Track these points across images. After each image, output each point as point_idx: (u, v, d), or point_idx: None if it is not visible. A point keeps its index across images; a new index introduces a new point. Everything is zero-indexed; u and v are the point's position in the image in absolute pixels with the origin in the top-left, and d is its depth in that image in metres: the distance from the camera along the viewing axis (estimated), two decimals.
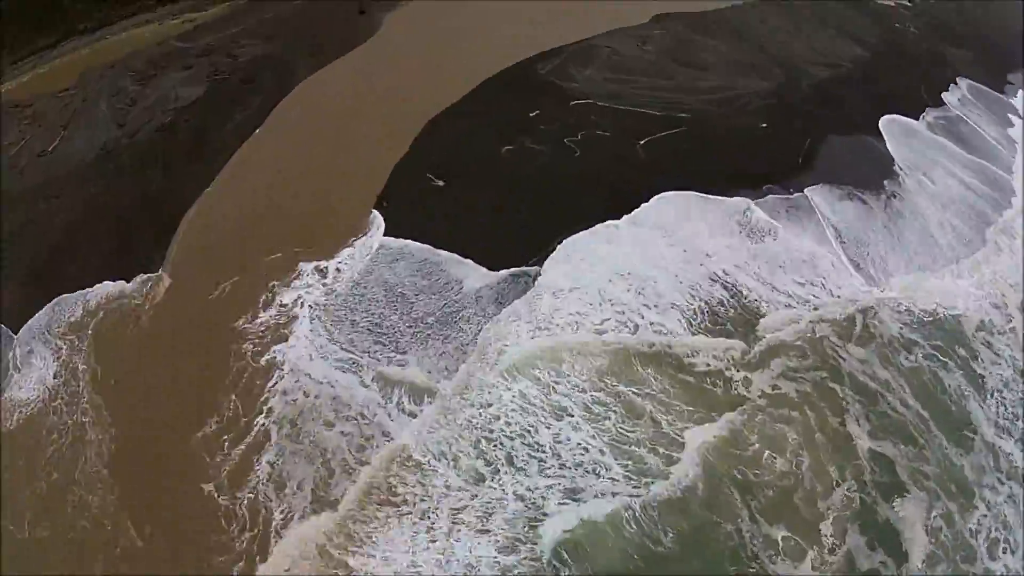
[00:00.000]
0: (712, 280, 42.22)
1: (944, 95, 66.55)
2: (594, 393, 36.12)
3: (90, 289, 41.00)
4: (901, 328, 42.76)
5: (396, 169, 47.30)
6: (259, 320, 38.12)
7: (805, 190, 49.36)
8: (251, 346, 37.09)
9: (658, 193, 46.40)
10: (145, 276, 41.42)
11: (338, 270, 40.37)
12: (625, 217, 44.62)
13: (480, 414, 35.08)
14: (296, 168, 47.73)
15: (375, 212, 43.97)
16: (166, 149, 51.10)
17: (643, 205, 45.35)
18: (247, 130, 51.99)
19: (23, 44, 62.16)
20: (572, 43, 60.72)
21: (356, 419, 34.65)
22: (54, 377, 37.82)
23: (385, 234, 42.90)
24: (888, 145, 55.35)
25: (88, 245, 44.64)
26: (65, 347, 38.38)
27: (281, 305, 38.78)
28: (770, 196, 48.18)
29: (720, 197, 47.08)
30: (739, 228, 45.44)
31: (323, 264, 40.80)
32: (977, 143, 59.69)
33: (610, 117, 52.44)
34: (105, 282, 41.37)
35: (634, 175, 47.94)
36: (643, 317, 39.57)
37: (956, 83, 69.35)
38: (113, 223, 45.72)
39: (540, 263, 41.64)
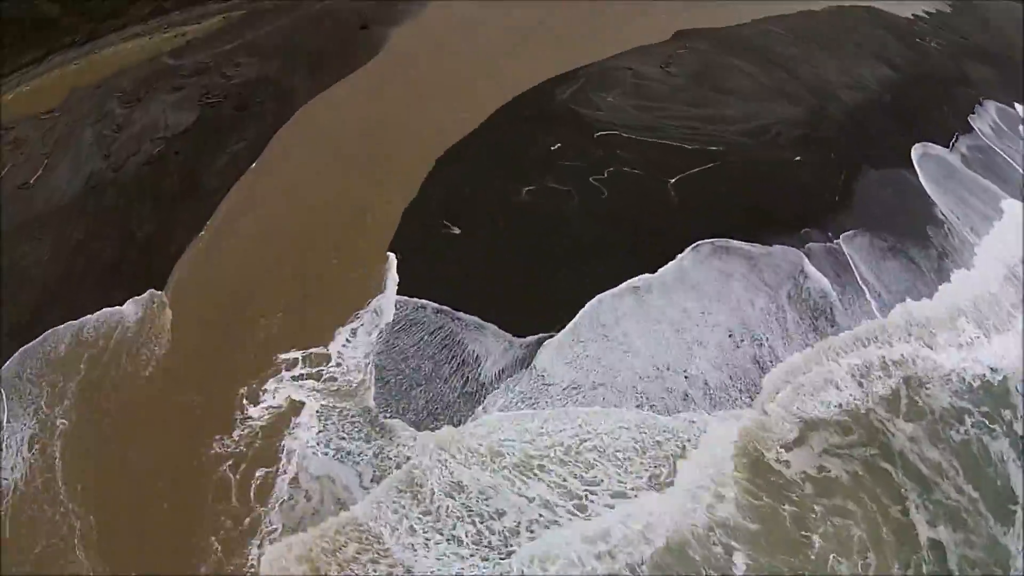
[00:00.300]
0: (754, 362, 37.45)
1: (971, 118, 62.35)
2: None
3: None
4: (951, 398, 38.49)
5: (406, 214, 42.01)
6: (257, 409, 32.97)
7: (843, 238, 44.61)
8: (242, 446, 31.93)
9: (692, 242, 41.53)
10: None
11: (347, 342, 35.16)
12: (659, 273, 39.71)
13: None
14: (296, 213, 42.45)
15: (388, 266, 38.68)
16: (155, 186, 45.65)
17: (678, 258, 40.42)
18: (241, 165, 46.58)
19: (7, 60, 56.15)
20: (590, 64, 55.38)
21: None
22: (29, 449, 32.83)
23: (399, 291, 37.70)
24: (926, 186, 50.69)
25: (70, 295, 39.40)
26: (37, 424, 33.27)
27: (280, 396, 33.56)
28: (811, 244, 43.47)
29: (758, 248, 42.20)
30: (788, 300, 40.58)
31: (330, 340, 35.48)
32: (1013, 177, 55.22)
33: (637, 151, 47.38)
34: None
35: (666, 220, 43.09)
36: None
37: (981, 103, 65.14)
38: (97, 273, 40.45)
39: (563, 327, 36.79)
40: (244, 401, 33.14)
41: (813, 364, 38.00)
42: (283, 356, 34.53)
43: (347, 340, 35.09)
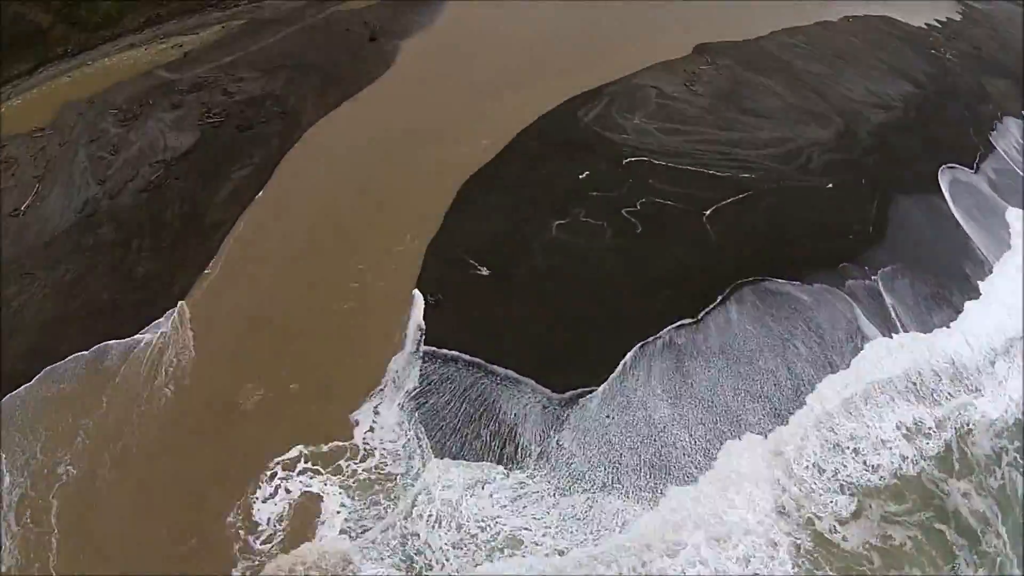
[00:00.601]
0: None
1: (993, 136, 60.10)
2: None
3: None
4: (992, 441, 36.39)
5: (430, 251, 38.35)
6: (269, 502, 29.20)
7: (881, 276, 41.78)
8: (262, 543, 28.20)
9: (732, 282, 38.45)
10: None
11: (376, 414, 31.27)
12: (703, 320, 36.49)
13: None
14: (307, 253, 38.52)
15: (409, 319, 35.04)
16: (154, 217, 41.48)
17: (721, 302, 37.22)
18: (246, 194, 42.54)
19: None
20: (613, 82, 51.79)
21: None
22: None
23: (426, 340, 34.17)
24: (959, 218, 48.14)
25: (63, 343, 35.18)
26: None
27: (295, 487, 29.55)
28: (851, 283, 40.63)
29: (800, 289, 39.27)
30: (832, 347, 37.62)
31: (349, 432, 31.05)
32: None
33: (669, 179, 44.14)
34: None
35: (703, 256, 39.97)
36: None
37: (1001, 120, 62.93)
38: (91, 318, 36.28)
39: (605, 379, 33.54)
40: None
41: (858, 418, 35.18)
42: (299, 450, 30.33)
43: (370, 426, 31.20)
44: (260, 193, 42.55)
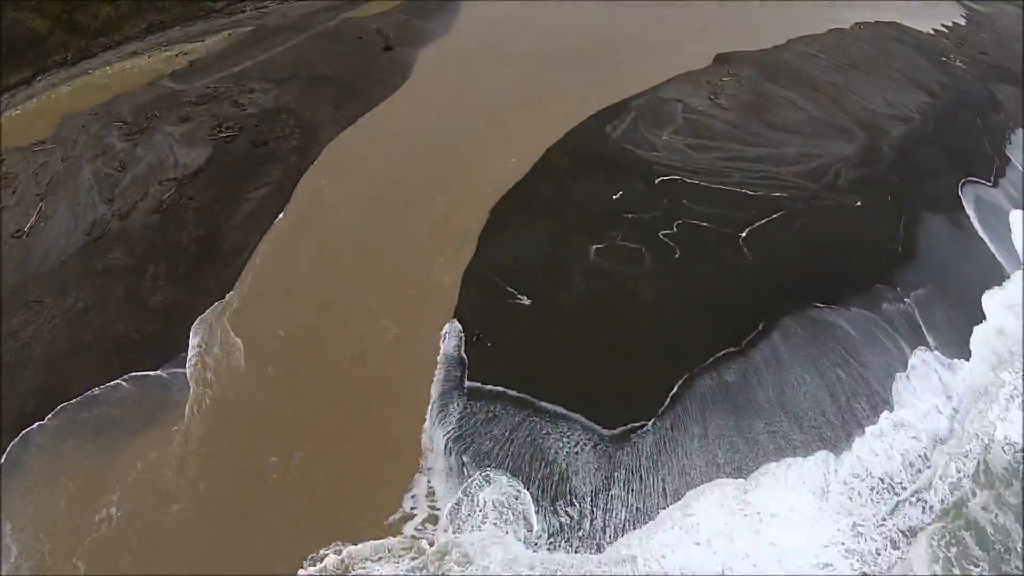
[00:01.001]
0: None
1: (1008, 149, 59.39)
2: None
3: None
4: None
5: (465, 278, 36.31)
6: None
7: (914, 298, 40.51)
8: None
9: (772, 308, 36.97)
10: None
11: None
12: (749, 353, 34.89)
13: None
14: (336, 278, 36.25)
15: (453, 342, 33.07)
16: (168, 240, 38.89)
17: (762, 339, 35.59)
18: (267, 216, 40.12)
19: None
20: (637, 96, 49.94)
21: None
22: None
23: (469, 376, 32.21)
24: (984, 237, 47.12)
25: (76, 380, 32.63)
26: None
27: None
28: (886, 307, 39.37)
29: (840, 316, 37.87)
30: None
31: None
32: None
33: (702, 199, 42.42)
34: None
35: (743, 281, 38.28)
36: None
37: (1014, 131, 62.29)
38: (106, 351, 33.74)
39: (656, 415, 31.83)
40: None
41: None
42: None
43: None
44: (280, 215, 40.12)
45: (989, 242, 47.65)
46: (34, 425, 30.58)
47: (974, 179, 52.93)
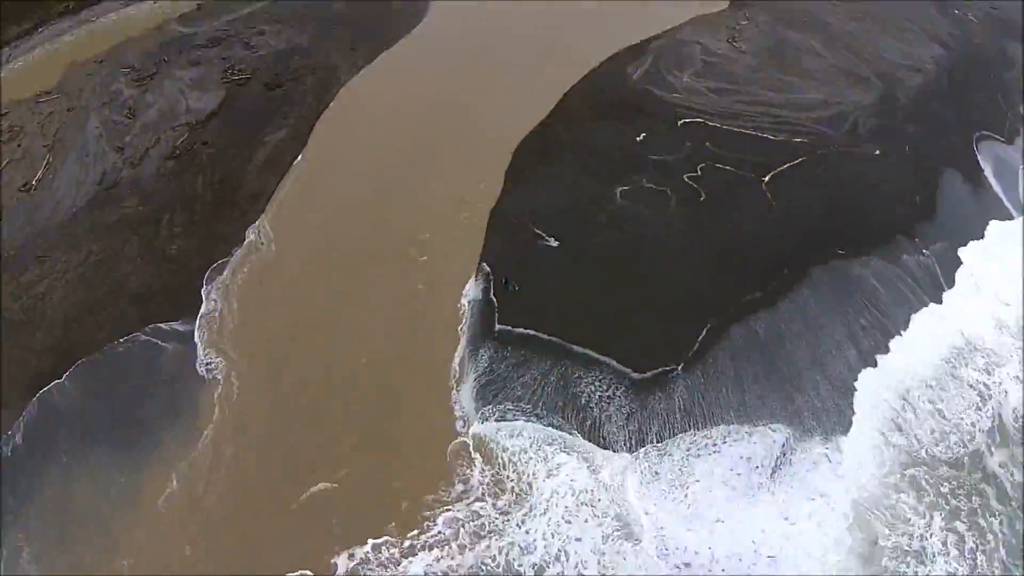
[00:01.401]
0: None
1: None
2: None
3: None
4: None
5: (491, 220, 35.01)
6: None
7: (932, 252, 39.51)
8: None
9: (797, 256, 35.76)
10: None
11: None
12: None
13: None
14: (359, 222, 34.81)
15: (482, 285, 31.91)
16: (183, 186, 37.13)
17: (787, 287, 34.45)
18: (284, 159, 38.37)
19: None
20: (655, 38, 48.02)
21: None
22: None
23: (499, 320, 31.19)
24: (1000, 194, 45.81)
25: (95, 335, 30.96)
26: None
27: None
28: (906, 258, 38.33)
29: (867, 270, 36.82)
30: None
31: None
32: None
33: (725, 142, 41.02)
34: None
35: (767, 228, 37.11)
36: None
37: None
38: (123, 304, 32.04)
39: (687, 360, 30.92)
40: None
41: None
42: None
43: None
44: (298, 160, 38.42)
45: (1004, 198, 46.68)
46: (52, 384, 29.09)
47: (988, 134, 51.63)
